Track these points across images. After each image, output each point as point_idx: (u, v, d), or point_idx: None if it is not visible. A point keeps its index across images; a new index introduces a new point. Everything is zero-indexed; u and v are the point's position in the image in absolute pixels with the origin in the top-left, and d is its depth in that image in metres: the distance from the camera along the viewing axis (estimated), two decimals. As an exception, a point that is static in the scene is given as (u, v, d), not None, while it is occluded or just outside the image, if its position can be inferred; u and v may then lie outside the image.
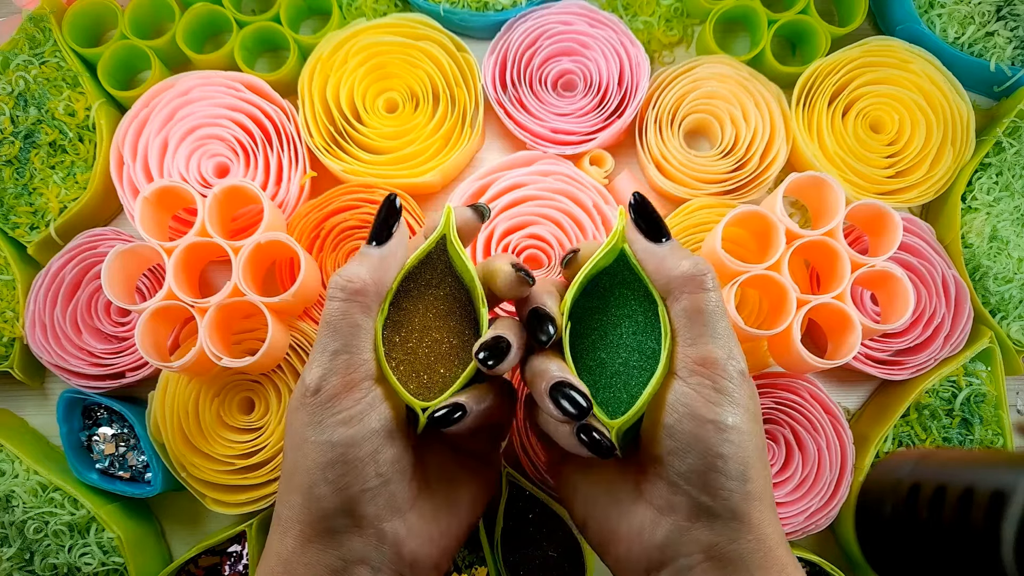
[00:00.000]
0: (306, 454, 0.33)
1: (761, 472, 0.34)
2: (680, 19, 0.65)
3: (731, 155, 0.60)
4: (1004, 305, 0.60)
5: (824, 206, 0.55)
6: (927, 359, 0.58)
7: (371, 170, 0.58)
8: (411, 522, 0.35)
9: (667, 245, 0.36)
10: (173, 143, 0.58)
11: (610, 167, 0.61)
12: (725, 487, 0.33)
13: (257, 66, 0.66)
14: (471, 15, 0.62)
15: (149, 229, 0.53)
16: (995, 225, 0.60)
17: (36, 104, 0.61)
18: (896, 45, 0.61)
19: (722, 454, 0.33)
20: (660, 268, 0.36)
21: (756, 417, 0.34)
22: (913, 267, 0.59)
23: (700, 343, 0.34)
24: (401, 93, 0.61)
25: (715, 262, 0.54)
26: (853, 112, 0.61)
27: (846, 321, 0.52)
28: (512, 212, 0.58)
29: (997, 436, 0.58)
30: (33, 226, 0.60)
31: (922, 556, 0.31)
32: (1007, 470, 0.28)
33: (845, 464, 0.56)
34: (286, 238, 0.53)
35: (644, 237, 0.36)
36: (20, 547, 0.57)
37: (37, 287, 0.58)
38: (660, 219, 0.37)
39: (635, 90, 0.60)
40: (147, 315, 0.51)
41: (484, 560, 0.56)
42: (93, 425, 0.60)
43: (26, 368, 0.60)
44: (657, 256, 0.36)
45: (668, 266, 0.35)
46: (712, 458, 0.33)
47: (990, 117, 0.64)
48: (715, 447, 0.33)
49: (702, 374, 0.34)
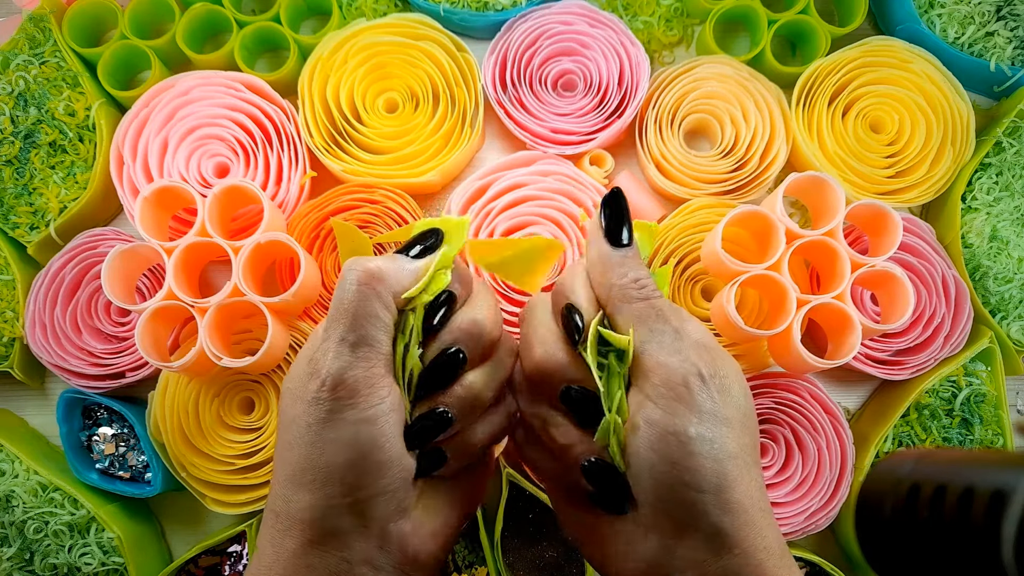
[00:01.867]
0: (323, 451, 0.31)
1: (742, 479, 0.31)
2: (680, 19, 0.65)
3: (731, 155, 0.60)
4: (1004, 305, 0.60)
5: (824, 206, 0.55)
6: (927, 359, 0.58)
7: (371, 170, 0.58)
8: (415, 519, 0.34)
9: (623, 252, 0.34)
10: (173, 143, 0.58)
11: (610, 167, 0.61)
12: (699, 501, 0.30)
13: (257, 66, 0.66)
14: (471, 15, 0.62)
15: (149, 229, 0.53)
16: (995, 225, 0.60)
17: (36, 104, 0.61)
18: (896, 45, 0.61)
19: (689, 467, 0.30)
20: (605, 275, 0.34)
21: (729, 421, 0.31)
22: (913, 267, 0.59)
23: (650, 352, 0.32)
24: (401, 93, 0.61)
25: (715, 262, 0.54)
26: (853, 112, 0.61)
27: (846, 321, 0.52)
28: (512, 212, 0.58)
29: (997, 436, 0.58)
30: (33, 226, 0.60)
31: (922, 556, 0.30)
32: (1007, 470, 0.28)
33: (845, 464, 0.56)
34: (286, 238, 0.53)
35: (604, 236, 0.34)
36: (20, 547, 0.57)
37: (37, 287, 0.58)
38: (626, 222, 0.35)
39: (635, 90, 0.60)
40: (147, 315, 0.51)
41: (484, 560, 0.56)
42: (93, 425, 0.60)
43: (26, 368, 0.60)
44: (609, 263, 0.34)
45: (614, 275, 0.34)
46: (680, 472, 0.31)
47: (990, 117, 0.64)
48: (682, 460, 0.31)
49: (659, 384, 0.32)
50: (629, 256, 0.34)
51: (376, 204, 0.58)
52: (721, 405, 0.31)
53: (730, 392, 0.32)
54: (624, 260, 0.34)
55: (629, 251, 0.34)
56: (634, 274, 0.34)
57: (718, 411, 0.31)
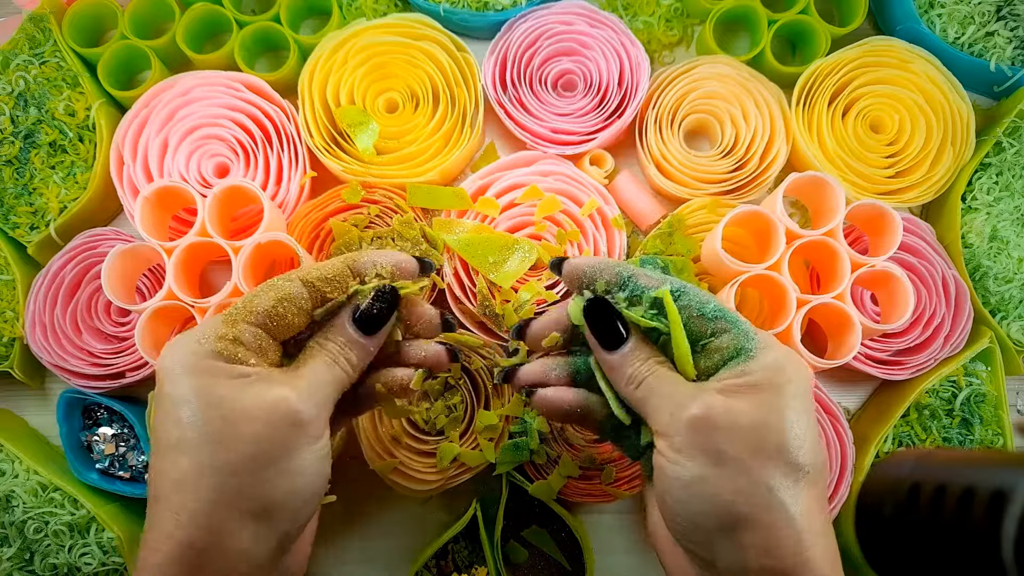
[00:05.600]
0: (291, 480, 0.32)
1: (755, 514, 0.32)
2: (680, 19, 0.65)
3: (731, 155, 0.60)
4: (1004, 305, 0.60)
5: (824, 206, 0.55)
6: (927, 359, 0.58)
7: (371, 170, 0.59)
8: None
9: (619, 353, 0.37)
10: (173, 143, 0.58)
11: (610, 167, 0.61)
12: (712, 541, 0.33)
13: (257, 66, 0.66)
14: (471, 15, 0.62)
15: (149, 229, 0.53)
16: (995, 225, 0.60)
17: (36, 104, 0.61)
18: (896, 45, 0.61)
19: (696, 511, 0.33)
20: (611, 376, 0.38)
21: (723, 460, 0.32)
22: (913, 267, 0.59)
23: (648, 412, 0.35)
24: (401, 93, 0.61)
25: (715, 262, 0.54)
26: (853, 112, 0.61)
27: (846, 321, 0.52)
28: (512, 212, 0.58)
29: (997, 436, 0.58)
30: (33, 226, 0.60)
31: (922, 556, 0.30)
32: (1007, 470, 0.28)
33: (845, 464, 0.56)
34: (286, 238, 0.53)
35: (600, 348, 0.37)
36: (20, 547, 0.57)
37: (37, 287, 0.58)
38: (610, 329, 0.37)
39: (635, 90, 0.60)
40: (147, 315, 0.51)
41: (484, 560, 0.56)
42: (93, 425, 0.60)
43: (26, 368, 0.60)
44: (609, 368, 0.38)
45: (617, 376, 0.37)
46: (691, 516, 0.33)
47: (990, 117, 0.64)
48: (689, 505, 0.33)
49: (660, 436, 0.34)
50: (625, 354, 0.37)
51: (377, 204, 0.58)
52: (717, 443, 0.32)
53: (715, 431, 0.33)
54: (623, 360, 0.37)
55: (624, 349, 0.37)
56: (630, 372, 0.36)
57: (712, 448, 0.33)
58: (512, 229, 0.58)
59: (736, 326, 0.35)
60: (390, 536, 0.60)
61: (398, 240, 0.56)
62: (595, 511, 0.61)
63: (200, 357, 0.33)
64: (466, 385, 0.55)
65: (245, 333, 0.34)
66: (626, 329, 0.37)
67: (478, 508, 0.55)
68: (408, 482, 0.54)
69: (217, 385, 0.32)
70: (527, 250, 0.56)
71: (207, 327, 0.34)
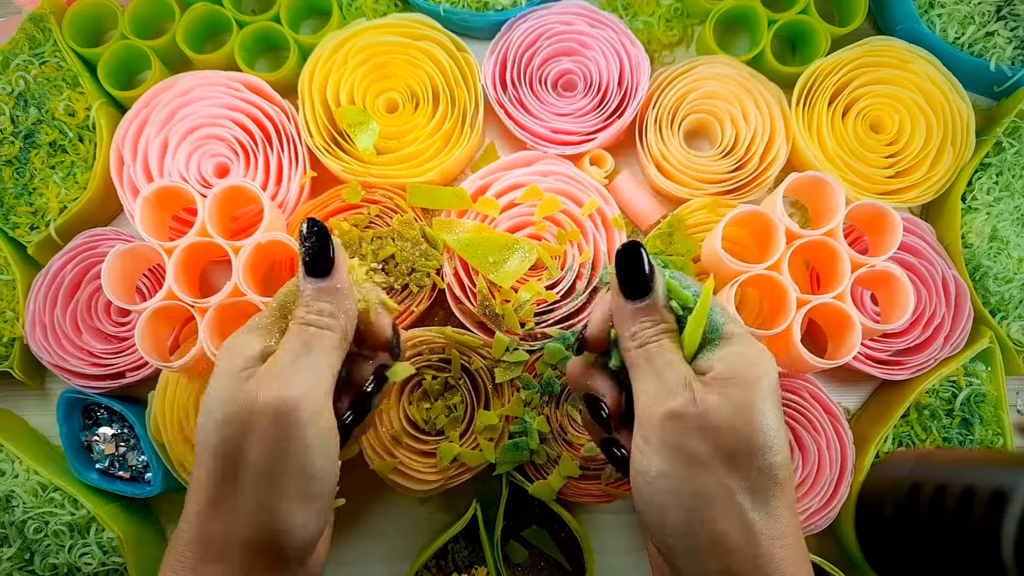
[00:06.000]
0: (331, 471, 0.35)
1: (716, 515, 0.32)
2: (680, 19, 0.65)
3: (731, 155, 0.60)
4: (1004, 305, 0.60)
5: (824, 206, 0.55)
6: (927, 359, 0.58)
7: (371, 170, 0.59)
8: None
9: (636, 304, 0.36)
10: (173, 143, 0.58)
11: (610, 167, 0.61)
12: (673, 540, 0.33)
13: (257, 66, 0.66)
14: (471, 15, 0.62)
15: (149, 229, 0.53)
16: (995, 225, 0.60)
17: (36, 104, 0.61)
18: (896, 45, 0.61)
19: (660, 504, 0.33)
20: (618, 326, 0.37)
21: (691, 459, 0.32)
22: (913, 267, 0.59)
23: (636, 378, 0.35)
24: (401, 93, 0.61)
25: (715, 262, 0.54)
26: (853, 112, 0.61)
27: (846, 321, 0.52)
28: (512, 212, 0.58)
29: (997, 436, 0.58)
30: (33, 226, 0.60)
31: (922, 556, 0.31)
32: (1007, 470, 0.28)
33: (845, 464, 0.56)
34: (286, 238, 0.53)
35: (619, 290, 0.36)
36: (20, 547, 0.57)
37: (37, 287, 0.58)
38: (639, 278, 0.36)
39: (635, 90, 0.60)
40: (147, 315, 0.51)
41: (484, 560, 0.56)
42: (93, 425, 0.60)
43: (26, 368, 0.60)
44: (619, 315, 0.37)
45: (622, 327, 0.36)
46: (657, 511, 0.33)
47: (990, 117, 0.64)
48: (654, 501, 0.33)
49: (636, 422, 0.34)
50: (640, 308, 0.36)
51: (377, 204, 0.58)
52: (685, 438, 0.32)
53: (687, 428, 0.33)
54: (636, 313, 0.36)
55: (641, 303, 0.36)
56: (637, 328, 0.36)
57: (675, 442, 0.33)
58: (512, 229, 0.58)
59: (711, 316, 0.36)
60: (390, 536, 0.60)
61: (398, 240, 0.57)
62: (595, 511, 0.61)
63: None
64: (466, 385, 0.55)
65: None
66: (651, 284, 0.36)
67: (478, 508, 0.55)
68: (408, 482, 0.54)
69: None
70: (527, 250, 0.56)
71: None
